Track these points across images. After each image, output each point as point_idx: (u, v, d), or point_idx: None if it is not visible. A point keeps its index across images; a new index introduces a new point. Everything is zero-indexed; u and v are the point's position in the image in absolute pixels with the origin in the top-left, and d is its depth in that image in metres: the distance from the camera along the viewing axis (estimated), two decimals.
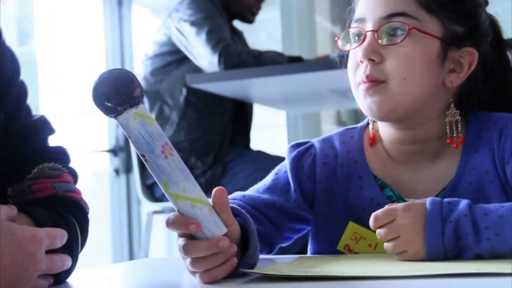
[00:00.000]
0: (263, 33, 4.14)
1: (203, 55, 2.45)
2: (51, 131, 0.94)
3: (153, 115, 2.58)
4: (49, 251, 0.76)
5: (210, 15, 2.50)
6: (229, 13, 2.66)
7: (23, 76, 0.92)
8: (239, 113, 2.70)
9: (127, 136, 0.76)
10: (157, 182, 0.77)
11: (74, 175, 0.92)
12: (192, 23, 2.49)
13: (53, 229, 0.77)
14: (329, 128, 3.91)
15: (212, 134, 2.54)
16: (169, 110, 2.56)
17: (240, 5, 2.70)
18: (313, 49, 3.82)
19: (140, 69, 2.67)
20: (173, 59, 2.58)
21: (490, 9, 1.07)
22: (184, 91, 2.55)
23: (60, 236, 0.77)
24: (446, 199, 0.87)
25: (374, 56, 0.96)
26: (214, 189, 0.80)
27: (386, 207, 0.89)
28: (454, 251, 0.85)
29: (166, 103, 2.57)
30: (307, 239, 1.09)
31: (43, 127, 0.93)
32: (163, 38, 2.61)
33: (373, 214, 0.87)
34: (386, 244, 0.87)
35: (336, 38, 1.03)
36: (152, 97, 2.59)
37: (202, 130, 2.54)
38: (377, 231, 0.87)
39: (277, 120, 3.91)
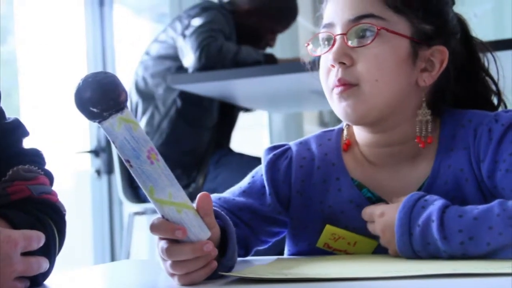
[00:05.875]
0: None
1: (188, 54, 2.41)
2: (25, 133, 0.93)
3: (144, 118, 2.56)
4: (26, 253, 0.75)
5: (219, 28, 2.45)
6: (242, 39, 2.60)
7: (3, 75, 0.91)
8: (226, 118, 2.69)
9: (112, 142, 0.74)
10: (142, 188, 0.76)
11: (50, 177, 0.91)
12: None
13: (29, 231, 0.76)
14: (312, 129, 3.92)
15: (199, 147, 2.53)
16: (159, 118, 2.53)
17: (259, 44, 2.68)
18: (295, 50, 3.83)
19: (139, 68, 2.62)
20: (173, 65, 2.53)
21: (469, 11, 1.07)
22: (178, 101, 2.51)
23: (36, 238, 0.76)
24: (424, 197, 0.89)
25: (345, 59, 0.96)
26: (199, 194, 0.80)
27: (366, 209, 0.96)
28: (423, 252, 0.87)
29: (158, 109, 2.54)
30: (284, 242, 1.09)
31: (17, 129, 0.92)
32: (169, 40, 2.55)
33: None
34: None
35: (306, 45, 1.03)
36: (146, 100, 2.56)
37: (190, 143, 2.52)
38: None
39: (260, 121, 3.91)
